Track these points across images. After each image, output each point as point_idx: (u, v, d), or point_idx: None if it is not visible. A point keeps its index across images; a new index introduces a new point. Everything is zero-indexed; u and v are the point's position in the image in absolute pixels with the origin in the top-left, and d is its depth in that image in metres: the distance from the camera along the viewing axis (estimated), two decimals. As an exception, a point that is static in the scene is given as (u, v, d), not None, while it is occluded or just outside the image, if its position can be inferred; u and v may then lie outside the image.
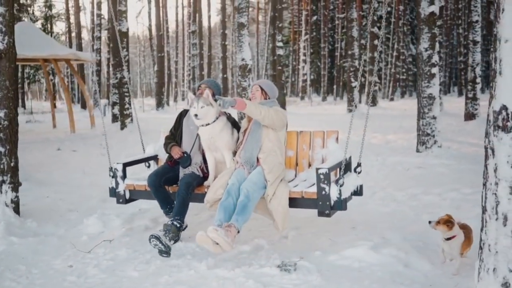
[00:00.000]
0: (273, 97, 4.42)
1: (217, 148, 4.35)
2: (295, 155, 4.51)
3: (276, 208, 3.93)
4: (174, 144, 4.64)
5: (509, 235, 2.66)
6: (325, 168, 3.82)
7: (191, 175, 4.39)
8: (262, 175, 4.03)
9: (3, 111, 4.96)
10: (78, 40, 34.76)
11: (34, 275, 3.68)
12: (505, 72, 2.71)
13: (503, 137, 2.70)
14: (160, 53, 27.78)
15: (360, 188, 4.27)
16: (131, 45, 70.03)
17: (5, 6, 4.92)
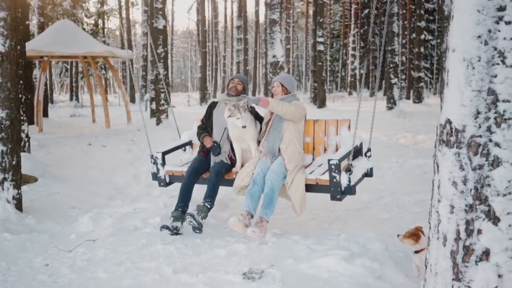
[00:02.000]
0: (292, 91, 4.87)
1: (244, 139, 4.85)
2: (312, 141, 5.05)
3: (294, 195, 4.43)
4: (206, 134, 5.14)
5: (448, 256, 2.53)
6: (336, 159, 4.27)
7: (220, 163, 4.92)
8: (283, 165, 4.52)
9: (4, 112, 5.15)
10: (128, 36, 35.57)
11: (11, 272, 3.82)
12: (451, 84, 2.57)
13: (446, 152, 2.56)
14: (203, 48, 28.03)
15: (370, 171, 4.82)
16: (182, 40, 71.31)
17: (7, 10, 5.10)
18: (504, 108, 2.41)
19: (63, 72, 44.65)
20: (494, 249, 2.40)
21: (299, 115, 4.67)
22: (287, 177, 4.50)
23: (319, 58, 22.28)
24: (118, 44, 44.88)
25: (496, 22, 2.43)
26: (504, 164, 2.39)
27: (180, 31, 77.33)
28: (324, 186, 4.42)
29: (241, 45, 31.89)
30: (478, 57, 2.46)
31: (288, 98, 4.79)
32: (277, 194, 4.47)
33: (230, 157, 5.04)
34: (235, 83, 5.14)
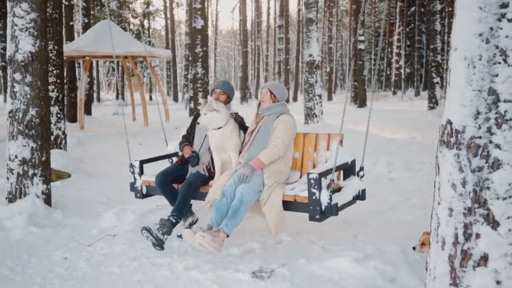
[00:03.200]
0: (282, 99, 4.51)
1: (224, 149, 4.50)
2: (300, 157, 4.54)
3: (269, 212, 3.99)
4: (186, 144, 4.82)
5: (446, 260, 2.46)
6: (315, 173, 3.80)
7: (196, 175, 4.56)
8: (261, 179, 4.11)
9: (34, 110, 5.35)
10: (172, 36, 36.16)
11: (30, 264, 3.97)
12: (452, 83, 2.50)
13: (446, 153, 2.49)
14: (245, 47, 28.16)
15: (362, 193, 4.23)
16: (226, 39, 71.82)
17: (37, 12, 5.29)
18: (505, 108, 2.32)
19: (110, 71, 45.89)
20: (492, 254, 2.32)
21: (291, 136, 4.34)
22: (263, 192, 4.06)
23: (359, 57, 21.99)
24: (163, 44, 45.72)
25: (498, 20, 2.35)
26: (504, 167, 2.31)
27: (224, 30, 77.98)
28: (303, 204, 3.94)
29: (283, 44, 31.84)
30: (479, 55, 2.38)
31: (276, 107, 4.42)
32: (245, 207, 3.97)
33: (209, 169, 4.68)
34: (217, 94, 4.67)
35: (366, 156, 4.29)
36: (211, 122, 4.41)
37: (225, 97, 4.70)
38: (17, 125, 5.32)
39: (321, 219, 3.87)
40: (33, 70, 5.31)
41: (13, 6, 5.24)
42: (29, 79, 5.29)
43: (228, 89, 4.74)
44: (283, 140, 4.22)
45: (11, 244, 4.44)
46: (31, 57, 5.28)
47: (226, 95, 4.70)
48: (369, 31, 49.44)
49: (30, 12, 5.25)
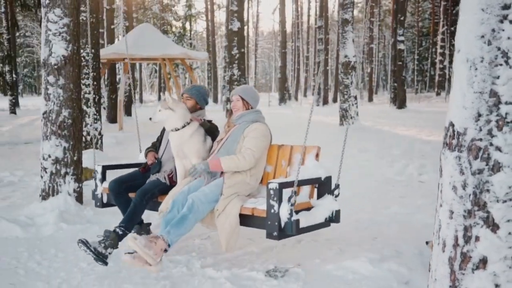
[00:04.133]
0: (255, 105, 4.13)
1: (185, 155, 4.14)
2: (273, 171, 4.10)
3: (223, 225, 3.58)
4: (151, 150, 4.55)
5: (446, 263, 2.46)
6: (276, 183, 3.39)
7: (154, 182, 4.18)
8: (219, 188, 3.73)
9: (67, 111, 5.58)
10: (212, 38, 36.60)
11: (57, 258, 4.16)
12: (455, 85, 2.50)
13: (448, 155, 2.49)
14: (283, 48, 28.21)
15: (336, 214, 3.76)
16: (266, 41, 72.04)
17: (70, 17, 5.52)
18: (507, 110, 2.30)
19: (152, 73, 46.89)
20: (491, 257, 2.31)
21: (262, 149, 3.93)
22: (219, 202, 3.64)
23: (399, 57, 21.68)
24: (205, 46, 46.31)
25: (500, 21, 2.33)
26: (504, 169, 2.29)
27: (266, 32, 78.28)
28: (261, 218, 3.53)
29: (322, 45, 31.73)
30: (481, 57, 2.37)
31: (248, 114, 4.04)
32: (195, 216, 3.59)
33: (171, 177, 4.28)
34: (184, 99, 4.40)
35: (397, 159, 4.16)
36: (165, 121, 4.11)
37: (192, 102, 4.38)
38: (50, 125, 5.56)
39: (280, 237, 3.43)
40: (65, 73, 5.54)
41: (47, 12, 5.49)
42: (62, 82, 5.53)
43: (196, 94, 4.40)
44: (253, 151, 3.82)
45: (41, 240, 4.65)
46: (64, 61, 5.51)
47: (194, 100, 4.38)
48: (412, 30, 48.66)
49: (63, 17, 5.49)
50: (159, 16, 37.65)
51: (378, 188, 6.97)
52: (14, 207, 5.80)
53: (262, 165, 4.02)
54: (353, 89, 13.61)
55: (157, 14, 37.26)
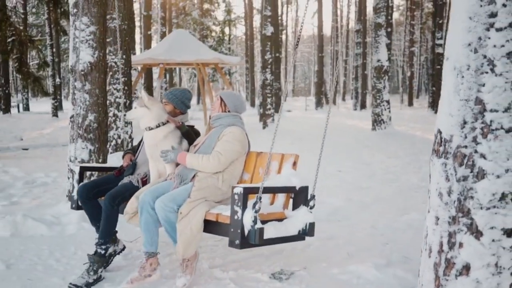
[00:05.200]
0: (234, 110, 3.93)
1: (158, 157, 3.90)
2: (250, 179, 3.91)
3: (183, 230, 3.38)
4: (128, 152, 4.41)
5: (431, 268, 2.48)
6: (240, 187, 3.16)
7: (125, 185, 3.96)
8: (188, 193, 3.56)
9: (93, 115, 5.81)
10: (251, 43, 36.82)
11: (75, 256, 4.35)
12: (443, 93, 2.53)
13: (435, 162, 2.52)
14: (320, 52, 28.15)
15: (309, 227, 3.44)
16: (306, 45, 71.95)
17: (96, 25, 5.76)
18: (491, 118, 2.32)
19: (192, 77, 47.55)
20: (474, 264, 2.32)
21: (235, 153, 3.73)
22: (184, 205, 3.43)
23: (437, 61, 21.32)
24: (243, 50, 46.68)
25: (486, 29, 2.36)
26: (488, 177, 2.31)
27: (306, 35, 78.15)
28: (224, 225, 3.33)
29: (360, 49, 31.50)
30: (468, 65, 2.40)
31: (226, 118, 3.87)
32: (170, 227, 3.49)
33: (145, 181, 4.05)
34: (163, 104, 4.19)
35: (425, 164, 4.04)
36: (140, 119, 3.95)
37: (170, 107, 4.19)
38: (77, 129, 5.80)
39: (242, 245, 3.17)
40: (92, 79, 5.77)
41: (75, 20, 5.74)
42: (88, 87, 5.76)
43: (173, 99, 4.21)
44: (220, 154, 3.65)
45: (64, 238, 4.87)
46: (90, 67, 5.75)
47: (171, 105, 4.19)
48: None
49: (89, 25, 5.73)
50: (199, 21, 38.17)
51: (400, 194, 6.92)
52: (43, 206, 6.06)
53: (237, 171, 3.82)
54: (385, 93, 13.49)
55: (197, 20, 37.78)
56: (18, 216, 5.14)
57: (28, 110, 29.79)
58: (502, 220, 2.29)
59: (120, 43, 8.74)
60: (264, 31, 15.46)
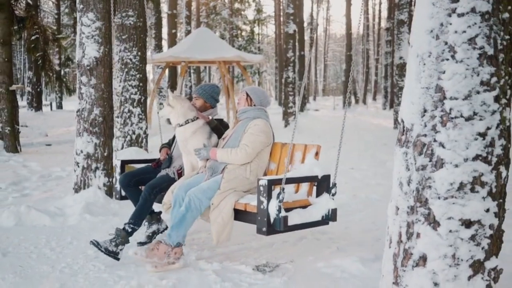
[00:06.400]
0: (259, 104, 4.15)
1: (189, 151, 4.24)
2: (276, 168, 4.14)
3: (215, 219, 3.68)
4: (165, 146, 4.70)
5: (391, 259, 2.43)
6: (265, 179, 3.45)
7: (162, 177, 4.30)
8: (218, 184, 3.81)
9: (98, 109, 5.92)
10: (279, 41, 36.75)
11: (70, 246, 4.44)
12: (406, 81, 2.48)
13: (397, 151, 2.47)
14: (348, 51, 27.90)
15: (332, 213, 3.71)
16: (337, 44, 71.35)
17: (102, 20, 5.86)
18: (451, 106, 2.27)
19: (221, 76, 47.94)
20: (431, 254, 2.27)
21: (261, 144, 3.95)
22: (215, 197, 3.72)
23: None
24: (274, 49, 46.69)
25: (448, 15, 2.30)
26: (446, 166, 2.25)
27: (339, 34, 77.55)
28: (252, 214, 3.60)
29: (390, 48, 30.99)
30: (429, 52, 2.35)
31: (251, 111, 4.09)
32: (192, 214, 3.75)
33: (180, 173, 4.39)
34: (193, 100, 4.52)
35: None
36: (169, 116, 4.28)
37: (201, 101, 4.47)
38: (83, 123, 5.92)
39: (268, 232, 3.46)
40: (97, 74, 5.88)
41: (81, 16, 5.86)
42: (93, 82, 5.87)
43: (203, 93, 4.49)
44: (247, 146, 3.88)
45: (63, 228, 4.98)
46: (95, 62, 5.86)
47: (202, 99, 4.47)
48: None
49: (95, 21, 5.83)
50: (228, 20, 38.34)
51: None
52: (52, 199, 6.22)
53: (263, 162, 4.04)
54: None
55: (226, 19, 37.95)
56: (22, 207, 5.28)
57: (61, 108, 30.48)
58: (460, 210, 2.23)
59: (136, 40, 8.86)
60: (287, 29, 15.41)
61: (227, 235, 3.72)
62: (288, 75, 15.48)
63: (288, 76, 15.48)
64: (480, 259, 2.26)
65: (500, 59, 2.27)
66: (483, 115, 2.24)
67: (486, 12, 2.25)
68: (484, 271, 2.27)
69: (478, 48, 2.25)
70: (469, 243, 2.24)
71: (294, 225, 3.54)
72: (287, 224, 3.46)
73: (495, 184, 2.27)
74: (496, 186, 2.27)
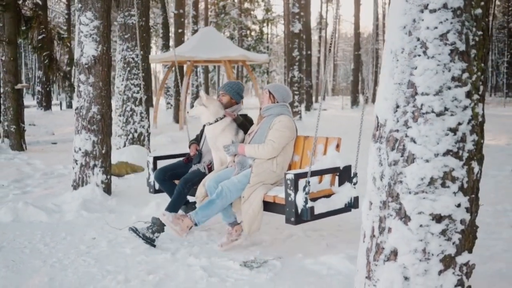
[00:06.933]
0: (282, 101, 4.35)
1: (218, 147, 4.53)
2: (299, 160, 4.38)
3: (246, 211, 3.96)
4: (194, 142, 5.00)
5: (364, 254, 2.46)
6: (291, 174, 3.70)
7: (194, 172, 4.62)
8: (247, 178, 4.07)
9: (96, 107, 5.97)
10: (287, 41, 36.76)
11: (63, 241, 4.49)
12: (381, 77, 2.50)
13: (372, 147, 2.49)
14: (356, 50, 27.82)
15: (354, 201, 3.97)
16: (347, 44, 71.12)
17: (100, 19, 5.92)
18: (422, 101, 2.28)
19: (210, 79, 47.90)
20: (401, 249, 2.29)
21: (286, 139, 4.18)
22: (245, 190, 4.01)
23: None
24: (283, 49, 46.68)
25: (421, 11, 2.32)
26: (417, 161, 2.27)
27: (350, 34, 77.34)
28: (280, 205, 3.86)
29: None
30: (402, 48, 2.37)
31: (274, 108, 4.32)
32: (222, 202, 4.03)
33: (210, 168, 4.71)
34: (220, 96, 4.78)
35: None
36: (200, 116, 4.54)
37: (227, 98, 4.72)
38: (81, 120, 5.99)
39: (296, 222, 3.70)
40: (95, 72, 5.94)
41: (80, 15, 5.92)
42: (92, 80, 5.93)
43: (229, 90, 4.74)
44: (273, 143, 4.12)
45: (59, 224, 5.04)
46: (93, 60, 5.92)
47: (228, 96, 4.72)
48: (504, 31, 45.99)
49: (93, 20, 5.90)
50: (237, 20, 38.38)
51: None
52: (51, 196, 6.29)
53: (288, 155, 4.29)
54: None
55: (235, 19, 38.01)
56: (19, 204, 5.36)
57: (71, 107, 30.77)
58: (430, 205, 2.24)
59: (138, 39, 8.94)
60: (292, 28, 15.42)
61: (258, 226, 3.99)
62: (293, 74, 15.49)
63: (294, 75, 15.50)
64: (451, 254, 2.27)
65: (472, 55, 2.28)
66: (454, 111, 2.25)
67: (458, 8, 2.26)
68: (456, 266, 2.28)
69: (450, 44, 2.26)
70: (439, 238, 2.25)
71: (320, 213, 3.77)
72: (313, 213, 3.69)
73: (466, 180, 2.28)
74: (467, 181, 2.28)
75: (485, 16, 2.33)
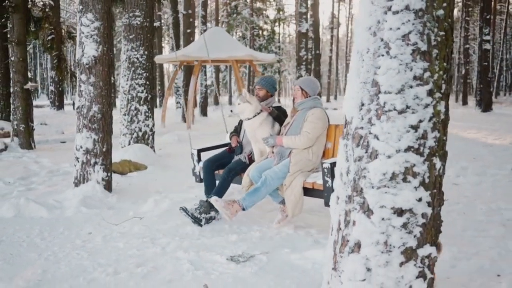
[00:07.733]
0: (313, 94, 4.79)
1: (257, 140, 5.01)
2: (332, 147, 4.83)
3: (289, 197, 4.44)
4: (234, 134, 5.55)
5: (331, 246, 2.55)
6: (328, 162, 4.16)
7: (237, 162, 5.18)
8: (287, 167, 4.53)
9: (97, 106, 6.13)
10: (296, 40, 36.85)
11: (61, 236, 4.64)
12: (348, 76, 2.59)
13: (341, 144, 2.59)
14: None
15: None
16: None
17: (100, 20, 6.07)
18: (385, 100, 2.37)
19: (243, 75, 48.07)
20: (364, 241, 2.38)
21: (319, 130, 4.64)
22: (286, 178, 4.49)
23: (485, 58, 20.56)
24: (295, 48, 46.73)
25: (384, 13, 2.41)
26: (380, 157, 2.36)
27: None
28: (319, 190, 4.37)
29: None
30: (367, 48, 2.46)
31: (308, 102, 4.75)
32: (266, 189, 4.50)
33: (250, 158, 5.24)
34: (256, 90, 5.33)
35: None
36: (242, 112, 4.98)
37: (264, 91, 5.27)
38: (82, 119, 6.14)
39: None
40: (96, 72, 6.09)
41: (81, 16, 6.08)
42: (92, 80, 6.09)
43: (266, 84, 5.28)
44: (308, 134, 4.56)
45: (58, 220, 5.19)
46: (94, 60, 6.07)
47: (265, 89, 5.26)
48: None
49: (94, 21, 6.05)
50: (249, 20, 38.50)
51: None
52: (54, 192, 6.45)
53: (322, 144, 4.74)
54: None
55: (247, 19, 38.13)
56: (21, 200, 5.53)
57: (84, 107, 31.17)
58: (392, 199, 2.33)
59: (143, 39, 9.09)
60: (299, 28, 15.50)
61: (300, 209, 4.47)
62: (300, 74, 15.57)
63: (301, 75, 15.57)
64: (412, 247, 2.35)
65: (434, 54, 2.37)
66: (416, 109, 2.34)
67: (419, 9, 2.35)
68: (417, 258, 2.37)
69: (412, 44, 2.35)
70: (400, 231, 2.34)
71: None
72: None
73: (428, 175, 2.36)
74: (429, 176, 2.37)
75: (448, 17, 2.41)
